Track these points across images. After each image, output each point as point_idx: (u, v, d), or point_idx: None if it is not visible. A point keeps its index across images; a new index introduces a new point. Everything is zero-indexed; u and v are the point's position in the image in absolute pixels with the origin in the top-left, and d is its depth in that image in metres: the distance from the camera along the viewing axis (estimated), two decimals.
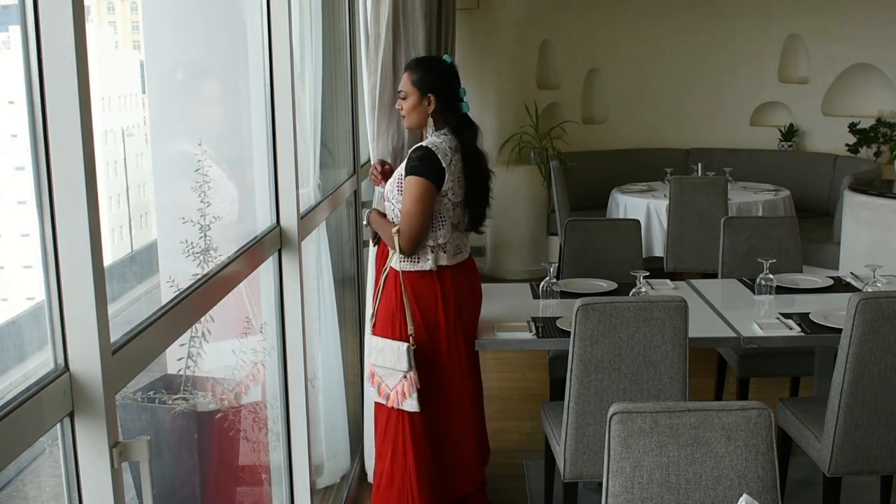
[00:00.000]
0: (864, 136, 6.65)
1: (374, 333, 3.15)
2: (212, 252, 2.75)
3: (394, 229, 3.01)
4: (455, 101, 3.11)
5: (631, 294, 3.37)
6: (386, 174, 3.28)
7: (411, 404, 3.01)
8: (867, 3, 6.70)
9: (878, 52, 6.72)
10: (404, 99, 3.11)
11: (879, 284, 3.51)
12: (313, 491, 2.83)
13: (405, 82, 3.10)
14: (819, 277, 3.87)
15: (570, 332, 2.80)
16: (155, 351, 1.76)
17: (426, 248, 3.06)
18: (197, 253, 2.76)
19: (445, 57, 3.17)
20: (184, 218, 2.79)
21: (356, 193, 4.03)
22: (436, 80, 3.07)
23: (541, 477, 3.53)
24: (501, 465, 3.89)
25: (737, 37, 7.13)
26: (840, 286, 3.76)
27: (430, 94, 3.05)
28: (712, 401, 2.53)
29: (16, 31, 1.32)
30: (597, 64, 7.31)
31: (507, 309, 3.44)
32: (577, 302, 2.77)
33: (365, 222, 3.23)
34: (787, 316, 3.28)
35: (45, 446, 1.92)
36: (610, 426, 1.95)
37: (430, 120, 3.08)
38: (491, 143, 6.97)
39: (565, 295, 3.58)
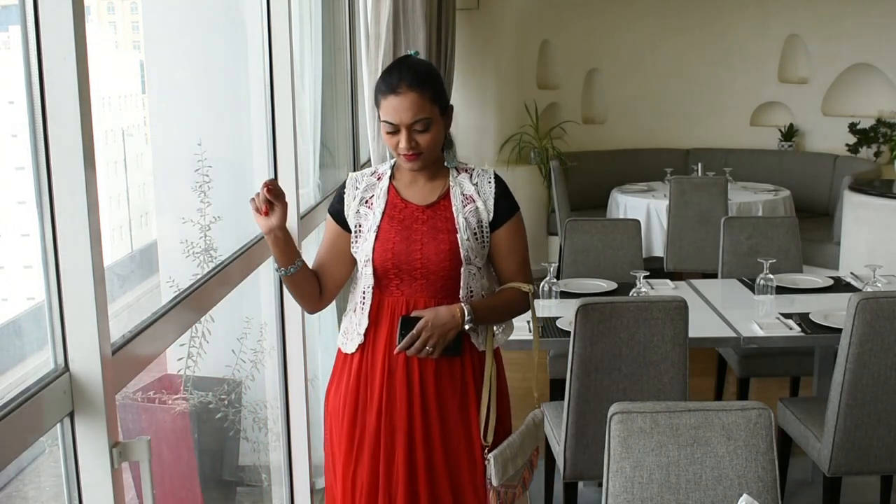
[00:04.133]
0: (864, 136, 6.65)
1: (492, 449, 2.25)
2: (212, 252, 2.75)
3: (526, 287, 2.28)
4: None
5: (631, 294, 3.37)
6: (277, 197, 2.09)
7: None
8: (867, 3, 6.69)
9: (878, 52, 6.71)
10: (426, 132, 2.13)
11: (879, 284, 3.51)
12: (313, 491, 2.83)
13: (424, 106, 2.11)
14: (819, 277, 3.87)
15: (570, 332, 2.80)
16: (155, 351, 1.77)
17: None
18: (197, 253, 2.77)
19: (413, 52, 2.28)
20: (184, 218, 2.79)
21: None
22: (443, 86, 2.23)
23: (541, 477, 3.53)
24: None
25: (736, 37, 7.12)
26: (840, 286, 3.75)
27: (449, 106, 2.22)
28: (712, 401, 2.53)
29: (16, 31, 1.32)
30: (597, 64, 7.30)
31: None
32: (577, 302, 2.77)
33: (468, 325, 2.17)
34: (787, 316, 3.28)
35: (45, 446, 1.92)
36: (610, 426, 1.95)
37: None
38: (491, 143, 6.96)
39: (565, 295, 3.58)
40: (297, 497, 2.76)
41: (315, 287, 2.28)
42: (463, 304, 2.17)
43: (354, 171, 3.94)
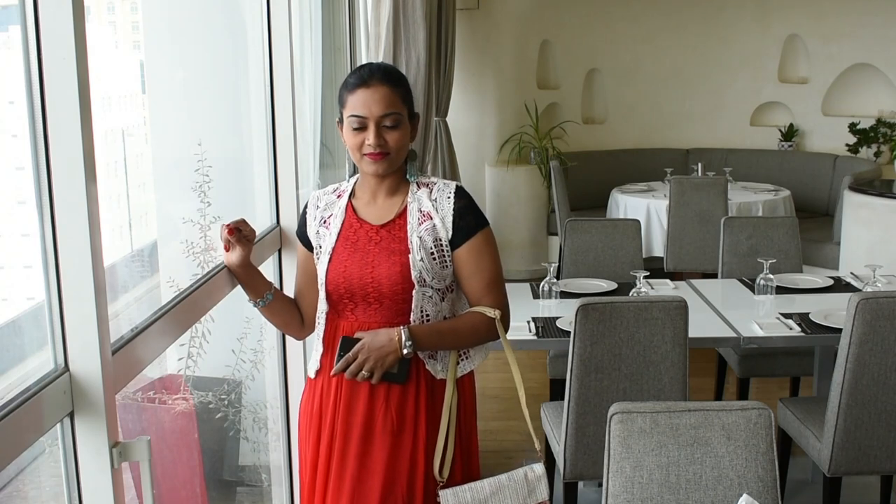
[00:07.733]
0: (864, 136, 6.66)
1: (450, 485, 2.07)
2: (212, 252, 2.75)
3: (492, 312, 2.10)
4: None
5: (631, 294, 3.37)
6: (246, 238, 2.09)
7: None
8: (867, 3, 6.69)
9: (878, 52, 6.72)
10: (395, 129, 2.03)
11: (879, 284, 3.51)
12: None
13: (395, 101, 2.03)
14: (819, 277, 3.87)
15: (570, 332, 2.80)
16: (155, 351, 1.77)
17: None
18: (197, 253, 2.77)
19: None
20: (184, 218, 2.79)
21: None
22: (411, 93, 2.13)
23: None
24: (501, 465, 3.89)
25: (737, 37, 7.13)
26: (840, 286, 3.75)
27: (416, 114, 2.13)
28: (712, 401, 2.53)
29: (16, 31, 1.32)
30: (597, 64, 7.31)
31: None
32: (577, 302, 2.77)
33: (407, 349, 2.00)
34: (787, 316, 3.28)
35: (45, 446, 1.92)
36: (610, 426, 1.95)
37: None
38: (491, 143, 6.96)
39: (565, 295, 3.58)
40: (297, 497, 2.76)
41: (295, 315, 2.22)
42: (402, 328, 2.00)
43: (355, 171, 3.93)
